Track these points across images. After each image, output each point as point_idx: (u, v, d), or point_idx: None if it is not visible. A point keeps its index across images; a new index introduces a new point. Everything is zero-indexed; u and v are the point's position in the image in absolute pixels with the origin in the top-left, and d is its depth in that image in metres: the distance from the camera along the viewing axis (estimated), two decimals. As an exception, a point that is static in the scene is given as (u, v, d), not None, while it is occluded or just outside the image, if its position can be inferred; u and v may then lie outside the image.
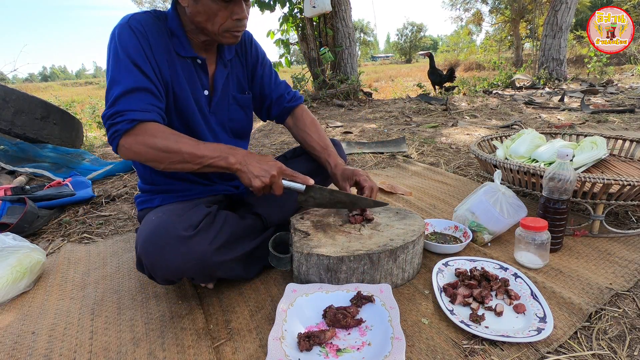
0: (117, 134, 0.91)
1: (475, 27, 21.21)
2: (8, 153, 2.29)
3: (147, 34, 0.97)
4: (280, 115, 1.31)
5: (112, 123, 0.91)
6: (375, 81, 12.51)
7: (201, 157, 0.94)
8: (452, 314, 0.90)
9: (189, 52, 1.04)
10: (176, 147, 0.92)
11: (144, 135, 0.91)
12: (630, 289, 1.03)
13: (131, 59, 0.94)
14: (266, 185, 0.98)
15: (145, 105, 0.93)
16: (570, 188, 1.14)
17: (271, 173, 0.97)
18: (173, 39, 1.03)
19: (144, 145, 0.91)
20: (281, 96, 1.28)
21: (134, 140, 0.91)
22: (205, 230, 0.94)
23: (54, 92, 8.33)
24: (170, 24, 1.03)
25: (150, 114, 0.93)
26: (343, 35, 5.70)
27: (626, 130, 3.20)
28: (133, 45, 0.95)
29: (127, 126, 0.90)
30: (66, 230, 1.58)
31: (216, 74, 1.12)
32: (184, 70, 1.04)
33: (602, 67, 7.71)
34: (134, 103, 0.92)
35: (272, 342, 0.79)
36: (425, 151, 2.66)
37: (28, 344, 0.90)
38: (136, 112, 0.91)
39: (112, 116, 0.91)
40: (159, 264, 0.87)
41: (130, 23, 0.97)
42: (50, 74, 71.50)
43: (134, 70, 0.94)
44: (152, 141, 0.91)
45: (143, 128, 0.92)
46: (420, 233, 1.08)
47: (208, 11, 0.95)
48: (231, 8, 0.96)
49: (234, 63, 1.17)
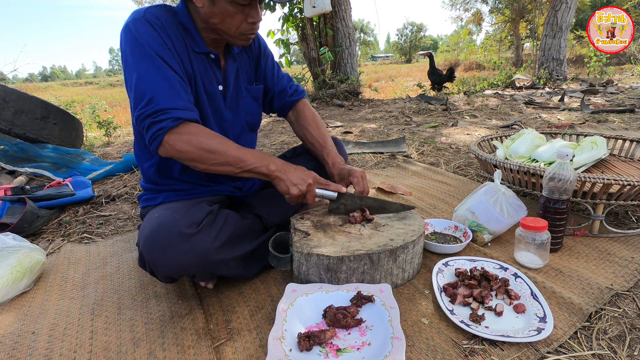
0: (161, 132, 0.90)
1: (475, 27, 21.21)
2: (8, 153, 2.29)
3: (165, 27, 0.96)
4: (282, 109, 1.31)
5: (154, 121, 0.90)
6: (375, 81, 12.51)
7: (244, 162, 0.95)
8: (452, 314, 0.90)
9: (202, 47, 1.03)
10: (222, 149, 0.93)
11: (190, 135, 0.91)
12: (630, 289, 1.03)
13: (157, 53, 0.92)
14: (302, 194, 1.00)
15: (185, 102, 0.93)
16: (570, 188, 1.14)
17: (308, 182, 1.00)
18: (186, 34, 1.01)
19: (189, 144, 0.91)
20: (283, 89, 1.27)
21: (179, 138, 0.91)
22: (208, 228, 0.94)
23: (54, 92, 8.32)
24: (182, 19, 1.01)
25: (192, 113, 0.94)
26: (343, 35, 5.70)
27: (626, 130, 3.19)
28: (155, 39, 0.93)
29: (172, 124, 0.90)
30: (66, 230, 1.58)
31: (227, 69, 1.11)
32: (199, 66, 1.04)
33: (602, 67, 7.71)
34: (174, 100, 0.91)
35: (272, 342, 0.79)
36: (425, 151, 2.66)
37: (28, 344, 0.90)
38: (179, 110, 0.91)
39: (154, 114, 0.90)
40: (161, 260, 0.87)
41: (146, 17, 0.94)
42: (50, 74, 71.52)
43: (162, 65, 0.92)
44: (198, 140, 0.91)
45: (187, 127, 0.92)
46: (420, 233, 1.08)
47: (224, 13, 0.94)
48: (247, 11, 0.96)
49: (242, 56, 1.17)
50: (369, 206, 1.16)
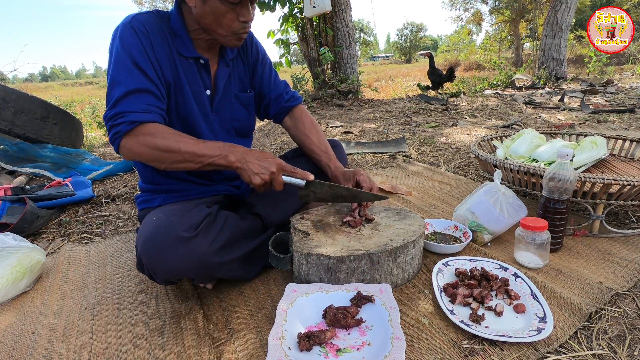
0: (118, 135, 0.92)
1: (475, 27, 21.21)
2: (8, 153, 2.29)
3: (149, 33, 0.97)
4: (278, 115, 1.31)
5: (113, 124, 0.92)
6: (375, 81, 12.50)
7: (201, 156, 0.95)
8: (452, 313, 0.90)
9: (192, 52, 1.04)
10: (176, 147, 0.93)
11: (145, 136, 0.92)
12: (630, 289, 1.03)
13: (133, 59, 0.94)
14: (266, 182, 0.99)
15: (146, 106, 0.94)
16: (570, 188, 1.14)
17: (270, 170, 0.98)
18: (176, 39, 1.02)
19: (144, 146, 0.92)
20: (280, 95, 1.28)
21: (135, 140, 0.92)
22: (206, 230, 0.94)
23: (54, 92, 8.32)
24: (174, 24, 1.02)
25: (150, 115, 0.94)
26: (343, 35, 5.70)
27: (626, 130, 3.19)
28: (135, 45, 0.95)
29: (128, 127, 0.91)
30: (66, 230, 1.58)
31: (218, 74, 1.12)
32: (186, 71, 1.04)
33: (602, 67, 7.71)
34: (135, 104, 0.92)
35: (272, 342, 0.79)
36: (425, 151, 2.66)
37: (28, 344, 0.90)
38: (137, 113, 0.92)
39: (113, 117, 0.92)
40: (160, 264, 0.87)
41: (132, 23, 0.96)
42: (50, 74, 71.51)
43: (135, 71, 0.94)
44: (153, 141, 0.92)
45: (144, 129, 0.93)
46: (420, 233, 1.08)
47: (216, 12, 0.95)
48: (238, 10, 0.97)
49: (236, 62, 1.18)
50: (340, 195, 1.12)
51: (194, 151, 0.94)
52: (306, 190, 1.07)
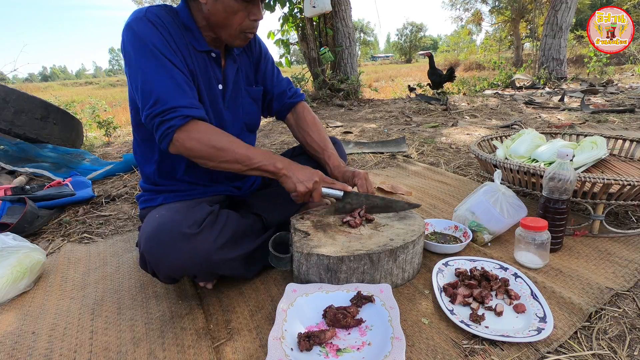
0: (171, 130, 0.91)
1: (475, 27, 21.21)
2: (8, 153, 2.29)
3: (166, 25, 0.97)
4: (281, 111, 1.31)
5: (163, 119, 0.91)
6: (375, 81, 12.50)
7: (252, 159, 0.96)
8: (452, 313, 0.90)
9: (204, 46, 1.04)
10: (230, 147, 0.94)
11: (198, 132, 0.92)
12: (630, 289, 1.03)
13: (161, 52, 0.93)
14: (308, 191, 1.01)
15: (192, 100, 0.94)
16: (570, 188, 1.14)
17: (314, 179, 1.01)
18: (187, 32, 1.02)
19: (198, 142, 0.92)
20: (283, 92, 1.28)
21: (188, 136, 0.92)
22: (209, 228, 0.94)
23: (54, 92, 8.31)
24: (183, 18, 1.02)
25: (200, 110, 0.94)
26: (343, 35, 5.70)
27: (626, 130, 3.19)
28: (158, 37, 0.94)
29: (181, 122, 0.91)
30: (66, 230, 1.58)
31: (227, 68, 1.12)
32: (199, 64, 1.04)
33: (602, 67, 7.71)
34: (181, 99, 0.92)
35: (272, 342, 0.79)
36: (425, 151, 2.66)
37: (28, 344, 0.90)
38: (187, 108, 0.92)
39: (163, 113, 0.91)
40: (163, 261, 0.87)
41: (147, 16, 0.95)
42: (50, 74, 71.52)
43: (167, 63, 0.93)
44: (208, 138, 0.92)
45: (196, 125, 0.93)
46: (420, 233, 1.08)
47: (228, 10, 0.95)
48: (250, 9, 0.98)
49: (242, 58, 1.18)
50: (375, 205, 1.16)
51: (246, 154, 0.95)
52: (343, 202, 1.10)
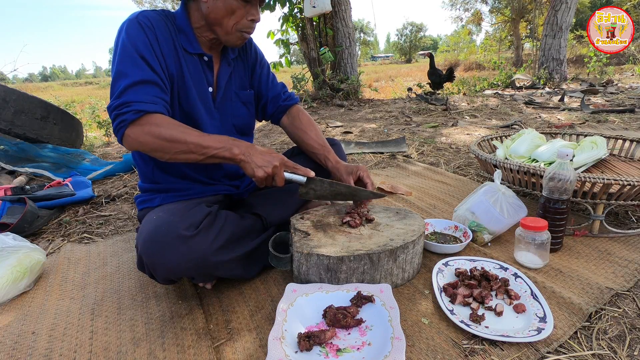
0: (123, 124, 0.92)
1: (475, 27, 21.21)
2: (8, 153, 2.29)
3: (154, 28, 0.99)
4: (275, 114, 1.32)
5: (118, 113, 0.92)
6: (375, 81, 12.50)
7: (206, 148, 0.95)
8: (452, 313, 0.90)
9: (196, 49, 1.06)
10: (182, 137, 0.93)
11: (150, 126, 0.92)
12: (630, 289, 1.03)
13: (139, 52, 0.95)
14: (269, 176, 1.00)
15: (151, 97, 0.95)
16: (570, 188, 1.14)
17: (273, 164, 0.99)
18: (180, 35, 1.04)
19: (149, 135, 0.92)
20: (277, 95, 1.29)
21: (140, 130, 0.92)
22: (206, 229, 0.94)
23: (54, 92, 8.33)
24: (179, 21, 1.05)
25: (156, 106, 0.95)
26: (343, 35, 5.70)
27: (626, 130, 3.19)
28: (141, 39, 0.96)
29: (134, 116, 0.91)
30: (66, 230, 1.58)
31: (220, 72, 1.13)
32: (189, 66, 1.06)
33: (602, 67, 7.71)
34: (141, 95, 0.93)
35: (272, 342, 0.79)
36: (425, 151, 2.66)
37: (28, 344, 0.90)
38: (143, 103, 0.92)
39: (119, 107, 0.92)
40: (160, 263, 0.87)
41: (138, 18, 0.99)
42: (50, 74, 71.54)
43: (141, 63, 0.95)
44: (158, 131, 0.92)
45: (149, 118, 0.93)
46: (420, 233, 1.08)
47: (227, 7, 0.98)
48: (248, 8, 1.01)
49: (237, 63, 1.19)
50: (340, 192, 1.13)
51: (199, 142, 0.94)
52: (306, 188, 1.08)
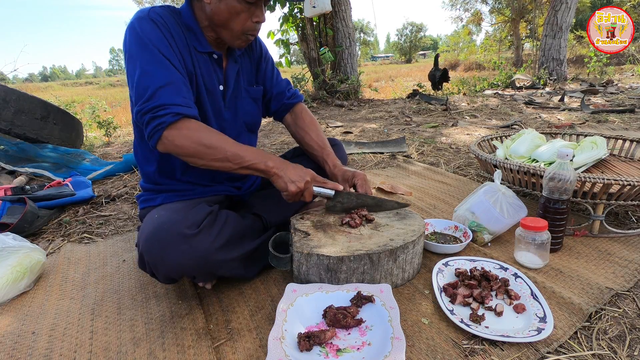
0: (161, 127, 0.91)
1: (475, 27, 21.21)
2: (8, 153, 2.29)
3: (168, 25, 0.98)
4: (279, 112, 1.32)
5: (154, 116, 0.91)
6: (375, 81, 12.50)
7: (243, 158, 0.96)
8: (452, 314, 0.90)
9: (206, 47, 1.04)
10: (220, 145, 0.94)
11: (189, 130, 0.92)
12: (630, 289, 1.03)
13: (160, 51, 0.94)
14: (300, 191, 1.01)
15: (185, 99, 0.94)
16: (570, 188, 1.14)
17: (306, 179, 1.00)
18: (189, 33, 1.03)
19: (189, 140, 0.92)
20: (281, 92, 1.29)
21: (178, 133, 0.91)
22: (208, 228, 0.94)
23: (54, 92, 8.32)
24: (186, 19, 1.03)
25: (192, 109, 0.94)
26: (343, 35, 5.70)
27: (626, 130, 3.19)
28: (158, 37, 0.95)
29: (172, 119, 0.90)
30: (66, 230, 1.58)
31: (228, 69, 1.12)
32: (200, 65, 1.05)
33: (602, 67, 7.71)
34: (175, 97, 0.92)
35: (272, 342, 0.79)
36: (425, 151, 2.66)
37: (28, 344, 0.90)
38: (180, 106, 0.92)
39: (154, 109, 0.90)
40: (162, 261, 0.87)
41: (150, 15, 0.96)
42: (50, 74, 71.53)
43: (165, 62, 0.94)
44: (198, 136, 0.92)
45: (187, 123, 0.93)
46: (420, 233, 1.08)
47: (231, 10, 0.96)
48: (253, 10, 0.98)
49: (243, 59, 1.19)
50: (366, 204, 1.17)
51: (237, 152, 0.95)
52: (334, 201, 1.10)
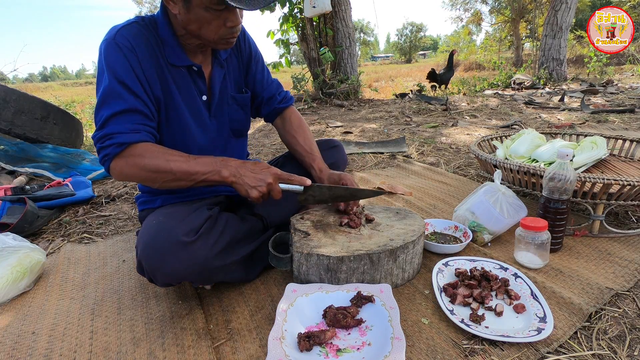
0: (107, 158, 0.91)
1: (475, 27, 21.21)
2: (8, 153, 2.29)
3: (134, 49, 0.93)
4: (270, 115, 1.30)
5: (102, 146, 0.91)
6: (375, 81, 12.50)
7: (194, 174, 0.93)
8: (452, 314, 0.90)
9: (183, 60, 1.01)
10: (167, 167, 0.91)
11: (134, 157, 0.91)
12: (630, 289, 1.03)
13: (119, 79, 0.91)
14: (264, 194, 0.98)
15: (134, 125, 0.92)
16: (570, 188, 1.14)
17: (267, 181, 0.97)
18: (165, 48, 0.99)
19: (134, 167, 0.91)
20: (272, 96, 1.26)
21: (125, 162, 0.91)
22: (206, 234, 0.93)
23: (54, 92, 8.33)
24: (161, 31, 0.98)
25: (139, 135, 0.92)
26: (343, 35, 5.70)
27: (626, 130, 3.19)
28: (121, 63, 0.92)
29: (117, 149, 0.90)
30: (66, 230, 1.58)
31: (213, 77, 1.09)
32: (177, 80, 1.01)
33: (602, 67, 7.72)
34: (123, 125, 0.90)
35: (272, 342, 0.79)
36: (425, 151, 2.66)
37: (28, 344, 0.90)
38: (125, 134, 0.90)
39: (101, 139, 0.90)
40: (160, 269, 0.87)
41: (116, 39, 0.92)
42: (50, 74, 71.54)
43: (122, 91, 0.92)
44: (142, 162, 0.90)
45: (133, 150, 0.91)
46: (420, 233, 1.08)
47: (201, 20, 0.91)
48: (225, 16, 0.92)
49: (230, 60, 1.15)
50: (340, 195, 1.13)
51: (186, 170, 0.92)
52: (305, 195, 1.07)
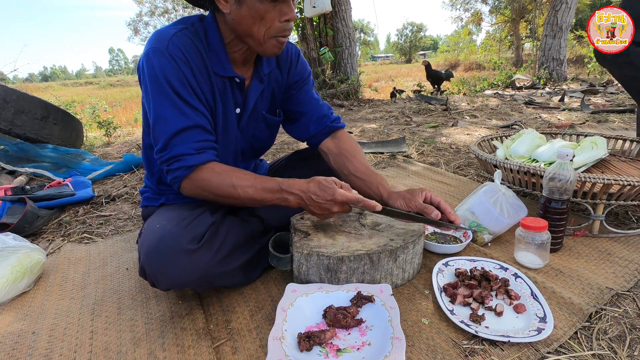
0: (176, 180, 0.94)
1: (475, 27, 21.21)
2: (8, 153, 2.29)
3: (189, 61, 0.92)
4: (318, 135, 1.22)
5: (169, 169, 0.94)
6: (375, 81, 12.51)
7: (261, 201, 0.96)
8: (452, 314, 0.90)
9: (228, 71, 0.99)
10: (235, 193, 0.94)
11: (202, 181, 0.94)
12: (630, 289, 1.03)
13: (177, 92, 0.90)
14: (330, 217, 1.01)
15: (198, 144, 0.93)
16: (570, 188, 1.14)
17: (333, 211, 0.97)
18: (211, 55, 0.96)
19: (205, 191, 0.95)
20: (324, 116, 1.21)
21: (193, 185, 0.95)
22: (209, 242, 0.93)
23: (54, 92, 8.33)
24: (211, 38, 0.96)
25: (204, 155, 0.94)
26: (343, 35, 5.70)
27: (626, 130, 3.20)
28: (177, 76, 0.90)
29: (185, 172, 0.93)
30: (66, 230, 1.58)
31: (250, 90, 1.06)
32: (219, 89, 1.01)
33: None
34: (188, 145, 0.92)
35: (272, 342, 0.79)
36: (425, 151, 2.66)
37: (28, 344, 0.90)
38: (191, 156, 0.92)
39: (168, 161, 0.92)
40: (163, 276, 0.87)
41: (169, 50, 0.89)
42: (50, 74, 71.53)
43: (182, 105, 0.91)
44: (209, 186, 0.94)
45: (200, 174, 0.94)
46: (420, 233, 1.08)
47: (254, 14, 0.87)
48: (279, 8, 0.88)
49: (273, 76, 1.12)
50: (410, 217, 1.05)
51: (251, 196, 0.94)
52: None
